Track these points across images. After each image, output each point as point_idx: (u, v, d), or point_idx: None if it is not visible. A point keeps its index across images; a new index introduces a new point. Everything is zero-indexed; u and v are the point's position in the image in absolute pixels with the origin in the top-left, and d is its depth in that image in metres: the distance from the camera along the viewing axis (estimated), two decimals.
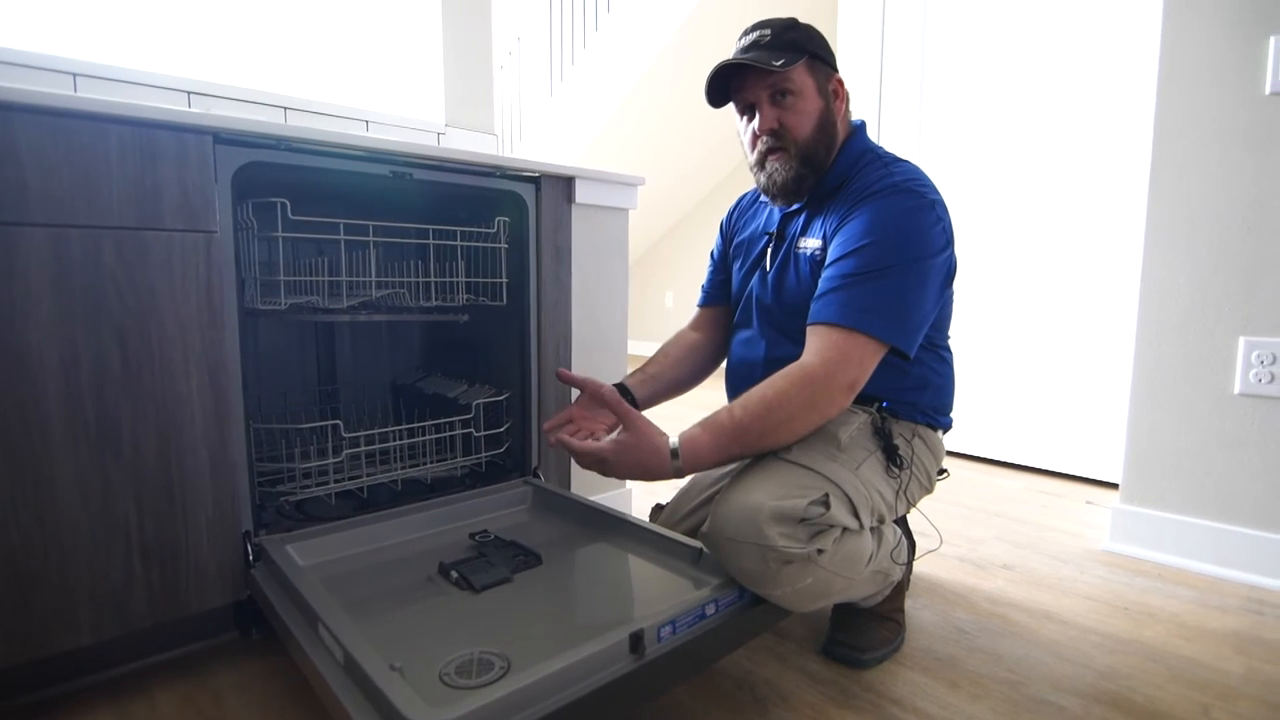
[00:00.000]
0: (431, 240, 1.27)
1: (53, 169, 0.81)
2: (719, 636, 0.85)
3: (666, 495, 1.27)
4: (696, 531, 1.08)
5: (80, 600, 0.87)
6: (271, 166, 1.00)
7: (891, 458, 1.00)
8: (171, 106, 0.92)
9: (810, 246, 1.04)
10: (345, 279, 1.20)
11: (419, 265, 1.29)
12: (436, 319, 1.36)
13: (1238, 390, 1.38)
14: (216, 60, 1.67)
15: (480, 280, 1.33)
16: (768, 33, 1.01)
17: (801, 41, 1.00)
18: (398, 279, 1.26)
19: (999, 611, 1.23)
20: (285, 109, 1.58)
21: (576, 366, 1.40)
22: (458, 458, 1.34)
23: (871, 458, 0.98)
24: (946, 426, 1.14)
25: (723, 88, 1.05)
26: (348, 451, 1.19)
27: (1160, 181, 1.45)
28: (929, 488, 1.11)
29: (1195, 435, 1.44)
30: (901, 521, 1.19)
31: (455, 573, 0.98)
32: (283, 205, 1.06)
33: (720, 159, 4.67)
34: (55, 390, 0.83)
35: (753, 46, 1.01)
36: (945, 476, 1.15)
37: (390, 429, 1.25)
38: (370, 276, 1.21)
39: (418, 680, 0.71)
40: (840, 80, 1.05)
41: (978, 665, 1.06)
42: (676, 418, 0.95)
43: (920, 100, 2.30)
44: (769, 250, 1.12)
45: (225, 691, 0.97)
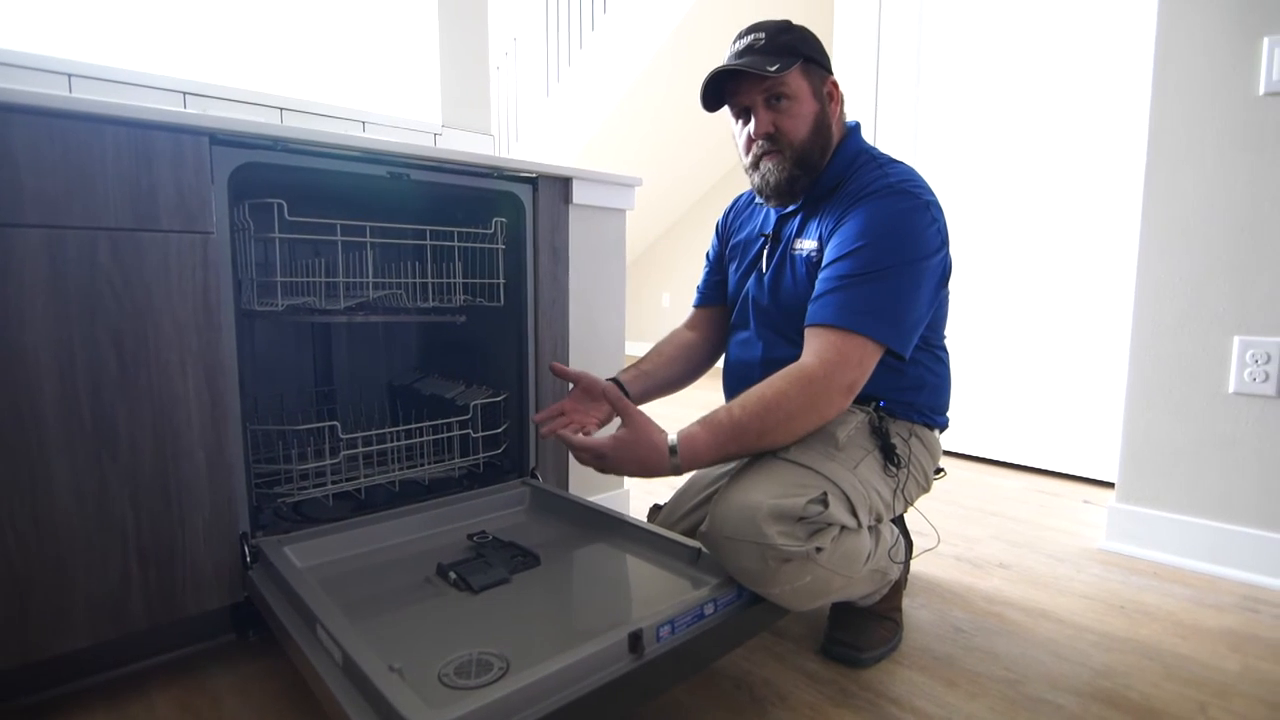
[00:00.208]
0: (429, 241, 1.27)
1: (48, 169, 0.81)
2: (717, 636, 0.85)
3: (664, 495, 1.27)
4: (694, 531, 1.08)
5: (77, 603, 0.87)
6: (268, 167, 1.00)
7: (889, 457, 1.00)
8: (167, 107, 0.92)
9: (806, 248, 1.04)
10: (342, 280, 1.20)
11: (416, 266, 1.29)
12: (434, 320, 1.36)
13: (1232, 389, 1.38)
14: (212, 61, 1.66)
15: (477, 281, 1.33)
16: (762, 36, 1.01)
17: (796, 44, 1.01)
18: (395, 280, 1.26)
19: (996, 610, 1.24)
20: (281, 110, 1.58)
21: (574, 367, 1.40)
22: (455, 459, 1.34)
23: (869, 457, 0.98)
24: (943, 426, 1.14)
25: (718, 92, 1.05)
26: (345, 453, 1.19)
27: (1155, 181, 1.46)
28: (926, 487, 1.11)
29: (1191, 435, 1.44)
30: (899, 521, 1.19)
31: (453, 574, 0.98)
32: (279, 206, 1.06)
33: (716, 160, 4.67)
34: (51, 392, 0.83)
35: (747, 51, 1.01)
36: (942, 476, 1.15)
37: (388, 430, 1.25)
38: (367, 277, 1.21)
39: (417, 681, 0.71)
40: (835, 82, 1.06)
41: (975, 664, 1.06)
42: (671, 417, 0.95)
43: (916, 101, 2.30)
44: (765, 252, 1.12)
45: (223, 693, 0.97)
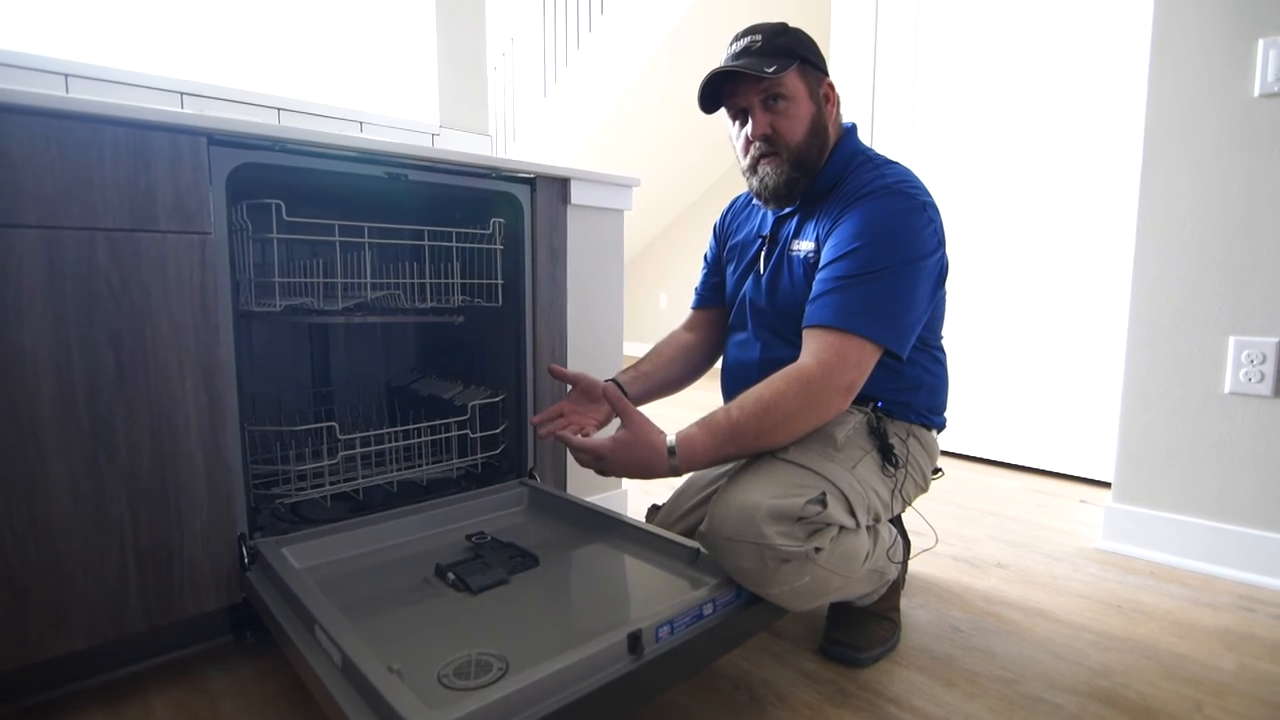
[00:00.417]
0: (426, 241, 1.27)
1: (45, 170, 0.81)
2: (717, 636, 0.85)
3: (662, 496, 1.27)
4: (693, 532, 1.09)
5: (74, 604, 0.87)
6: (266, 168, 1.00)
7: (887, 457, 1.00)
8: (164, 107, 0.91)
9: (803, 249, 1.05)
10: (340, 280, 1.19)
11: (414, 266, 1.29)
12: (432, 320, 1.36)
13: (1228, 389, 1.39)
14: (209, 61, 1.66)
15: (475, 281, 1.33)
16: (759, 38, 1.01)
17: (792, 46, 1.01)
18: (393, 280, 1.26)
19: (994, 610, 1.24)
20: (279, 110, 1.57)
21: (572, 367, 1.40)
22: (453, 459, 1.34)
23: (867, 457, 0.99)
24: (941, 426, 1.14)
25: (715, 93, 1.05)
26: (343, 453, 1.19)
27: (1151, 182, 1.46)
28: (924, 487, 1.12)
29: (1186, 434, 1.45)
30: (896, 520, 1.19)
31: (452, 574, 0.98)
32: (277, 206, 1.06)
33: (714, 161, 4.68)
34: (48, 392, 0.83)
35: (744, 53, 1.01)
36: (940, 476, 1.15)
37: (386, 431, 1.25)
38: (365, 278, 1.20)
39: (416, 682, 0.71)
40: (831, 84, 1.06)
41: (973, 663, 1.06)
42: (670, 418, 0.95)
43: (913, 102, 2.31)
44: (763, 253, 1.12)
45: (220, 695, 0.96)
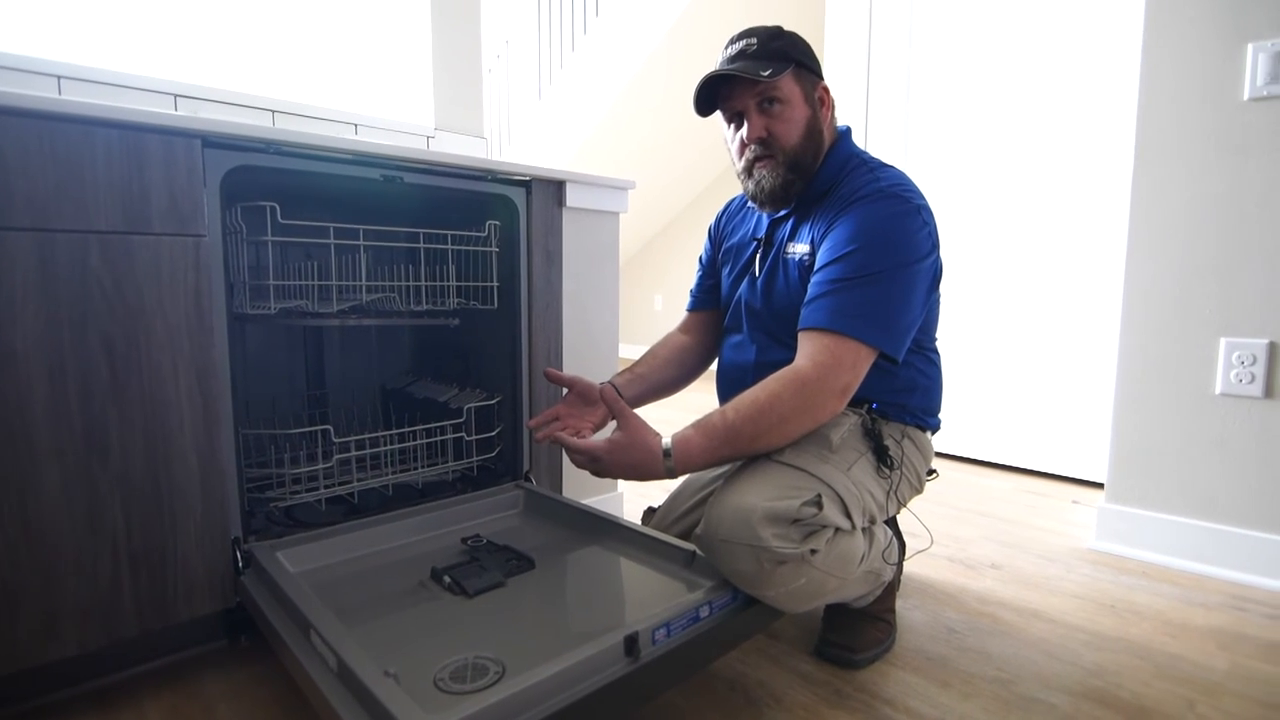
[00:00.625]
0: (422, 244, 1.26)
1: (37, 172, 0.80)
2: (713, 639, 0.85)
3: (658, 499, 1.27)
4: (689, 535, 1.09)
5: (66, 610, 0.86)
6: (261, 170, 1.00)
7: (882, 459, 1.01)
8: (158, 109, 0.91)
9: (799, 252, 1.05)
10: (335, 283, 1.19)
11: (409, 269, 1.29)
12: (427, 323, 1.36)
13: (1219, 390, 1.40)
14: (202, 63, 1.65)
15: (471, 284, 1.32)
16: (754, 42, 1.01)
17: (787, 50, 1.01)
18: (388, 283, 1.25)
19: (988, 611, 1.25)
20: (273, 112, 1.57)
21: (568, 370, 1.40)
22: (449, 462, 1.33)
23: (862, 459, 0.99)
24: (935, 427, 1.15)
25: (711, 97, 1.05)
26: (338, 456, 1.18)
27: (1142, 185, 1.47)
28: (919, 488, 1.12)
29: (1178, 435, 1.46)
30: (891, 522, 1.20)
31: (448, 578, 0.98)
32: (272, 209, 1.06)
33: (708, 163, 4.68)
34: (41, 396, 0.82)
35: (739, 56, 1.02)
36: (934, 477, 1.16)
37: (381, 434, 1.24)
38: (360, 280, 1.20)
39: (413, 686, 0.71)
40: (826, 87, 1.06)
41: (968, 664, 1.07)
42: (665, 421, 0.95)
43: (907, 105, 2.32)
44: (758, 256, 1.12)
45: (214, 700, 0.96)
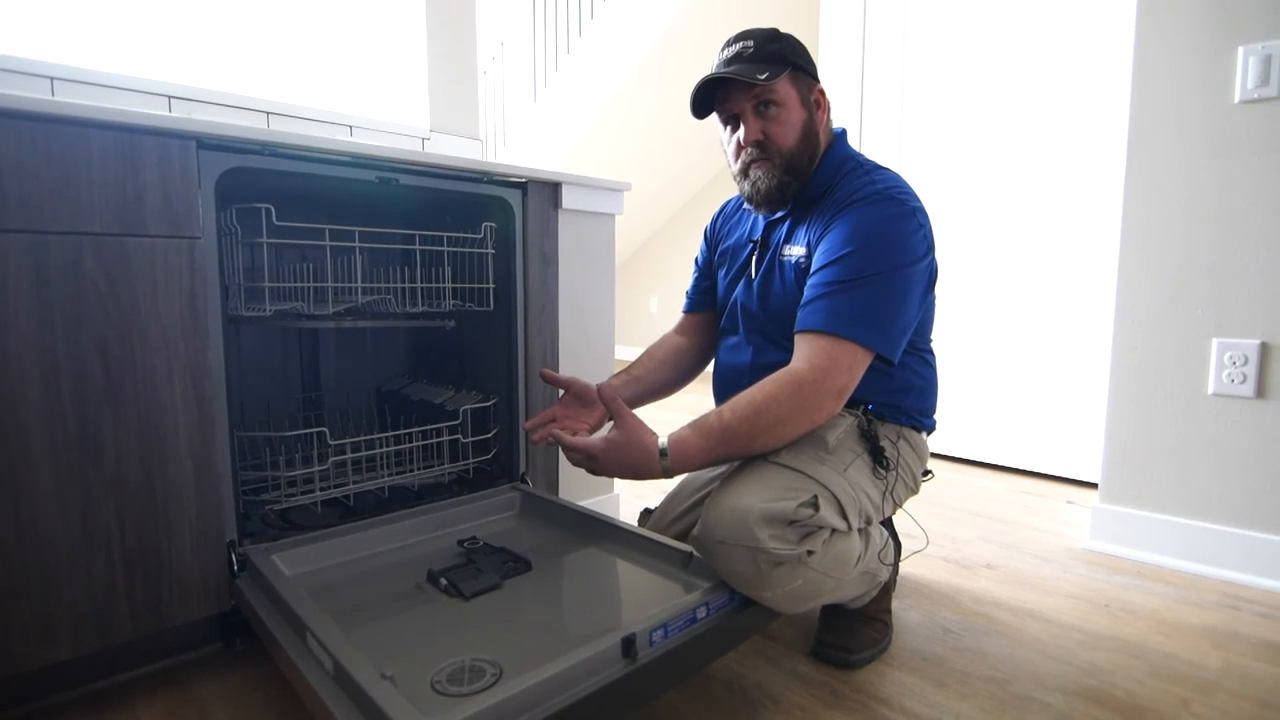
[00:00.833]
0: (418, 246, 1.26)
1: (31, 174, 0.80)
2: (710, 640, 0.85)
3: (654, 500, 1.27)
4: (685, 536, 1.09)
5: (60, 614, 0.86)
6: (256, 172, 0.99)
7: (878, 460, 1.01)
8: (152, 111, 0.91)
9: (795, 254, 1.05)
10: (330, 285, 1.19)
11: (405, 271, 1.28)
12: (423, 325, 1.35)
13: (1211, 391, 1.41)
14: (197, 64, 1.65)
15: (467, 286, 1.32)
16: (750, 44, 1.02)
17: (784, 53, 1.01)
18: (383, 285, 1.25)
19: (984, 611, 1.25)
20: (268, 114, 1.57)
21: (564, 371, 1.40)
22: (445, 464, 1.33)
23: (858, 460, 0.99)
24: (930, 428, 1.15)
25: (707, 99, 1.05)
26: (333, 459, 1.18)
27: (1135, 186, 1.48)
28: (915, 489, 1.12)
29: (1171, 435, 1.47)
30: (887, 522, 1.20)
31: (444, 580, 0.98)
32: (267, 211, 1.05)
33: (704, 164, 4.69)
34: (35, 398, 0.82)
35: (736, 59, 1.02)
36: (930, 478, 1.16)
37: (376, 436, 1.24)
38: (356, 282, 1.20)
39: (410, 689, 0.71)
40: (822, 90, 1.07)
41: (964, 664, 1.07)
42: (661, 421, 0.95)
43: (901, 107, 2.33)
44: (754, 258, 1.13)
45: (210, 703, 0.95)
